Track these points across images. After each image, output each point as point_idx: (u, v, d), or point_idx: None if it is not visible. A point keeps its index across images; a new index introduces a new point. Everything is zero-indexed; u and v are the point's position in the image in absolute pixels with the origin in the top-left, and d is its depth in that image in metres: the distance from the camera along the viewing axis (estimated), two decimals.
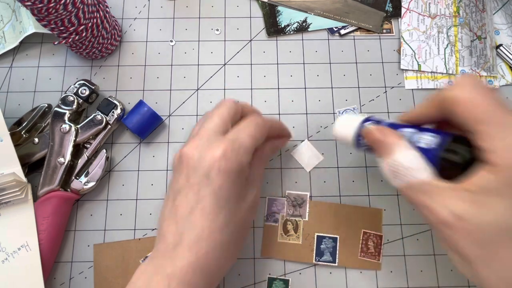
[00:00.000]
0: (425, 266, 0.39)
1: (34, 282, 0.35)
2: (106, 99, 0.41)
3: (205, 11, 0.47)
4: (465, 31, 0.46)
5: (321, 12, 0.47)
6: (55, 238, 0.37)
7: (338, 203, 0.41)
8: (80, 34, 0.39)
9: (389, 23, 0.47)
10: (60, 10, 0.34)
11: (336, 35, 0.46)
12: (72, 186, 0.39)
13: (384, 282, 0.38)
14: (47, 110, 0.41)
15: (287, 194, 0.41)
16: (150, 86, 0.44)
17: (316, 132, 0.43)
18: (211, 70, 0.45)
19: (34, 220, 0.37)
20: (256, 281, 0.38)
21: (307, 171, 0.41)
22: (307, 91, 0.44)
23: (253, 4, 0.47)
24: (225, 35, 0.46)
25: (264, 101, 0.44)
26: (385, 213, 0.40)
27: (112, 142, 0.42)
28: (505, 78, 0.44)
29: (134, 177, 0.41)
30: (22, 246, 0.36)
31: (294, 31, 0.46)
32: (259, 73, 0.45)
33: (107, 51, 0.44)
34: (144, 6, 0.47)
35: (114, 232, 0.40)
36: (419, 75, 0.45)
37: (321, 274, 0.39)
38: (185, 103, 0.44)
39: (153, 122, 0.41)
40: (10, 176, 0.35)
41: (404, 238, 0.40)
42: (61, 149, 0.38)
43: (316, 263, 0.39)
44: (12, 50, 0.45)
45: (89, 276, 0.39)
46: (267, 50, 0.46)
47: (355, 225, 0.40)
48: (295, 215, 0.40)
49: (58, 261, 0.39)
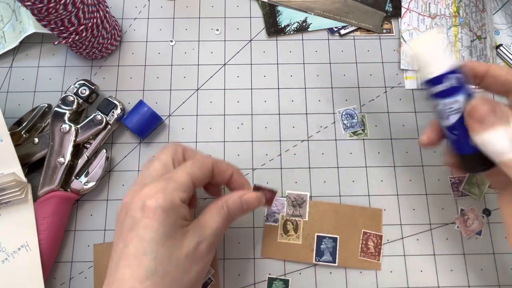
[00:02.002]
0: (425, 266, 0.39)
1: (34, 282, 0.35)
2: (106, 99, 0.41)
3: (205, 11, 0.47)
4: (465, 31, 0.46)
5: (321, 12, 0.47)
6: (55, 238, 0.37)
7: (338, 203, 0.41)
8: (80, 34, 0.39)
9: (389, 23, 0.47)
10: (60, 10, 0.34)
11: (336, 35, 0.46)
12: (72, 186, 0.39)
13: (384, 282, 0.38)
14: (47, 110, 0.41)
15: (287, 194, 0.41)
16: (150, 86, 0.44)
17: (316, 132, 0.43)
18: (211, 70, 0.45)
19: (34, 220, 0.37)
20: (256, 281, 0.38)
21: None
22: (307, 91, 0.44)
23: (253, 4, 0.47)
24: (225, 35, 0.46)
25: (264, 101, 0.44)
26: (385, 213, 0.40)
27: (112, 142, 0.42)
28: None
29: (134, 177, 0.41)
30: (22, 246, 0.36)
31: (294, 31, 0.46)
32: (259, 73, 0.45)
33: (107, 51, 0.44)
34: (144, 6, 0.47)
35: (114, 232, 0.40)
36: (419, 75, 0.45)
37: (321, 274, 0.39)
38: (185, 103, 0.44)
39: (153, 122, 0.41)
40: (10, 176, 0.35)
41: (404, 238, 0.40)
42: (61, 149, 0.38)
43: (316, 263, 0.39)
44: (12, 50, 0.45)
45: (89, 276, 0.39)
46: (267, 50, 0.46)
47: (355, 225, 0.40)
48: (295, 215, 0.40)
49: (58, 261, 0.39)
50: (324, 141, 0.43)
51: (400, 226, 0.40)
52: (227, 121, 0.43)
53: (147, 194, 0.27)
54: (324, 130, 0.43)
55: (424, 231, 0.40)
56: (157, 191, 0.27)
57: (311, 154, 0.42)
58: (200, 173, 0.30)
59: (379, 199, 0.41)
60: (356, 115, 0.43)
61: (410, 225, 0.40)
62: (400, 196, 0.41)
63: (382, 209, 0.40)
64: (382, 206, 0.41)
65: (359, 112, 0.43)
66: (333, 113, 0.43)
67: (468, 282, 0.39)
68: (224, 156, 0.42)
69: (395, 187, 0.41)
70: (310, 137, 0.43)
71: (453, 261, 0.39)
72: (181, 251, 0.27)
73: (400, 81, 0.45)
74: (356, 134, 0.43)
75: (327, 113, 0.43)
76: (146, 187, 0.27)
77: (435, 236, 0.40)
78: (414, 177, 0.42)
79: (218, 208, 0.30)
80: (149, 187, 0.27)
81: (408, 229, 0.40)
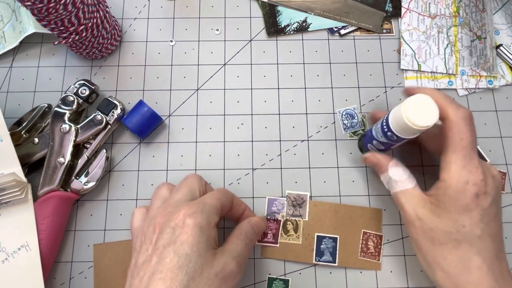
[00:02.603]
0: None
1: (34, 282, 0.35)
2: (106, 99, 0.41)
3: (205, 11, 0.47)
4: (465, 31, 0.46)
5: (321, 12, 0.47)
6: (55, 238, 0.37)
7: (338, 203, 0.41)
8: (80, 34, 0.39)
9: (389, 23, 0.47)
10: (60, 10, 0.34)
11: (336, 35, 0.46)
12: (72, 186, 0.39)
13: (384, 282, 0.38)
14: (47, 110, 0.41)
15: (287, 194, 0.41)
16: (150, 86, 0.44)
17: (316, 132, 0.43)
18: (211, 70, 0.45)
19: (34, 220, 0.37)
20: (256, 281, 0.38)
21: None
22: (307, 91, 0.44)
23: (253, 4, 0.47)
24: (225, 35, 0.46)
25: (264, 101, 0.44)
26: (385, 213, 0.40)
27: (112, 142, 0.42)
28: (505, 78, 0.44)
29: (134, 177, 0.41)
30: (22, 246, 0.36)
31: (294, 31, 0.46)
32: (259, 73, 0.45)
33: (107, 51, 0.44)
34: (144, 6, 0.47)
35: (114, 232, 0.40)
36: (419, 75, 0.45)
37: (321, 274, 0.39)
38: (185, 103, 0.44)
39: (153, 122, 0.41)
40: (10, 176, 0.35)
41: (404, 238, 0.40)
42: (61, 149, 0.38)
43: (316, 263, 0.39)
44: (12, 50, 0.45)
45: (89, 276, 0.39)
46: (267, 50, 0.46)
47: (355, 225, 0.40)
48: (295, 215, 0.40)
49: (58, 261, 0.39)
50: (324, 141, 0.43)
51: (400, 226, 0.40)
52: (227, 121, 0.43)
53: (187, 213, 0.29)
54: (324, 130, 0.43)
55: None
56: (196, 211, 0.30)
57: (311, 154, 0.42)
58: (226, 201, 0.33)
59: (379, 199, 0.41)
60: (356, 115, 0.43)
61: None
62: None
63: (382, 209, 0.40)
64: (382, 206, 0.41)
65: (359, 112, 0.43)
66: (333, 113, 0.43)
67: None
68: (224, 156, 0.42)
69: None
70: (310, 137, 0.43)
71: None
72: (211, 270, 0.29)
73: (400, 81, 0.45)
74: (356, 134, 0.43)
75: (327, 113, 0.43)
76: (183, 207, 0.30)
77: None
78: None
79: (237, 235, 0.33)
80: (187, 207, 0.30)
81: None
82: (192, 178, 0.34)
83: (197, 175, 0.35)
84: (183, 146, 0.42)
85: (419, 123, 0.30)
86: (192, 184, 0.33)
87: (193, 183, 0.34)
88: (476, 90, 0.44)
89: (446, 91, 0.44)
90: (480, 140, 0.43)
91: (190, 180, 0.34)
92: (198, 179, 0.34)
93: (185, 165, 0.42)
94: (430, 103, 0.31)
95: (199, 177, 0.35)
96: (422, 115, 0.30)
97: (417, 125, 0.30)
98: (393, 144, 0.35)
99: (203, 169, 0.42)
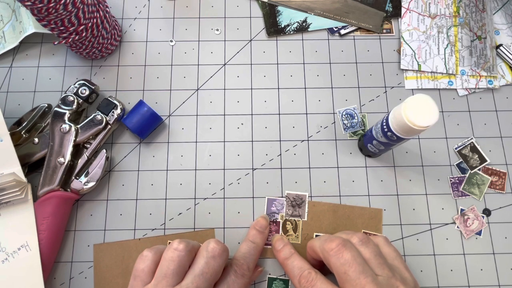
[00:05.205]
0: (425, 266, 0.39)
1: (34, 282, 0.35)
2: (106, 99, 0.41)
3: (205, 11, 0.47)
4: (465, 31, 0.46)
5: (321, 12, 0.47)
6: (55, 238, 0.37)
7: (336, 203, 0.41)
8: (80, 34, 0.39)
9: (389, 23, 0.47)
10: (60, 10, 0.34)
11: (336, 35, 0.46)
12: (72, 186, 0.39)
13: None
14: (47, 110, 0.41)
15: (286, 194, 0.41)
16: (150, 86, 0.44)
17: (316, 132, 0.43)
18: (211, 70, 0.45)
19: (34, 220, 0.37)
20: (256, 281, 0.38)
21: None
22: (307, 91, 0.44)
23: (253, 4, 0.47)
24: (225, 35, 0.46)
25: (264, 101, 0.44)
26: (385, 213, 0.40)
27: (112, 142, 0.42)
28: (505, 78, 0.44)
29: (134, 177, 0.41)
30: (22, 246, 0.36)
31: (294, 31, 0.46)
32: (259, 73, 0.45)
33: (107, 51, 0.44)
34: (144, 6, 0.47)
35: (114, 232, 0.40)
36: (419, 75, 0.45)
37: None
38: (185, 103, 0.44)
39: (153, 122, 0.41)
40: (10, 176, 0.35)
41: (404, 238, 0.40)
42: (61, 149, 0.38)
43: None
44: (12, 50, 0.45)
45: (89, 276, 0.39)
46: (267, 50, 0.46)
47: (355, 225, 0.40)
48: (294, 215, 0.40)
49: (58, 261, 0.39)
50: (324, 141, 0.43)
51: (400, 226, 0.40)
52: (227, 121, 0.43)
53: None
54: (324, 130, 0.43)
55: (424, 231, 0.40)
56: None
57: (311, 154, 0.42)
58: (218, 265, 0.33)
59: (379, 199, 0.41)
60: (356, 115, 0.43)
61: (410, 225, 0.40)
62: (400, 196, 0.41)
63: (382, 209, 0.40)
64: (382, 206, 0.41)
65: (359, 112, 0.43)
66: (333, 113, 0.43)
67: (468, 282, 0.39)
68: (224, 156, 0.42)
69: (395, 187, 0.41)
70: (310, 137, 0.43)
71: (453, 261, 0.39)
72: None
73: (400, 81, 0.45)
74: (356, 134, 0.43)
75: (327, 113, 0.43)
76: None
77: (435, 236, 0.40)
78: (414, 177, 0.42)
79: (246, 240, 0.37)
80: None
81: (408, 229, 0.40)
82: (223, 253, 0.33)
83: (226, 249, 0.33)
84: (183, 146, 0.42)
85: (419, 123, 0.30)
86: (175, 268, 0.30)
87: (176, 265, 0.31)
88: (476, 90, 0.44)
89: (446, 91, 0.44)
90: (480, 140, 0.43)
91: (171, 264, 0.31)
92: (182, 259, 0.31)
93: (185, 165, 0.42)
94: (430, 103, 0.31)
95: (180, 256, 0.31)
96: (422, 115, 0.30)
97: (417, 125, 0.30)
98: (393, 144, 0.35)
99: (203, 169, 0.42)
